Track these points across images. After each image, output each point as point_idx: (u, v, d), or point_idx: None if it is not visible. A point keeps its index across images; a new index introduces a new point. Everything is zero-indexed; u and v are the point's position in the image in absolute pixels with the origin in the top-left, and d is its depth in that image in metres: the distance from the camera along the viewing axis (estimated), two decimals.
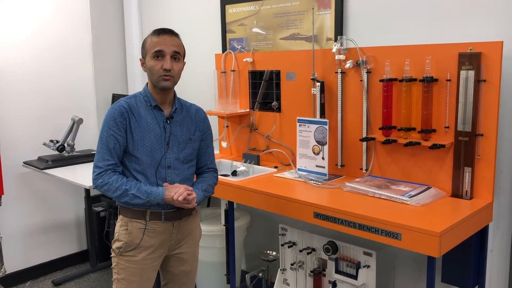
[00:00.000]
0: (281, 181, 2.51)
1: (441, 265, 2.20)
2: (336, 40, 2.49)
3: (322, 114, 2.56)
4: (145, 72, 1.98)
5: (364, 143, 2.44)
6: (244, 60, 2.97)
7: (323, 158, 2.51)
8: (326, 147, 2.50)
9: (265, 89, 2.90)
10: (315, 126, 2.53)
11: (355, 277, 2.36)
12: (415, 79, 2.19)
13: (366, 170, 2.45)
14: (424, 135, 2.18)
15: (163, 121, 1.97)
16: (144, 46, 1.95)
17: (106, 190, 1.91)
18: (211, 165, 2.14)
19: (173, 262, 2.08)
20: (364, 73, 2.37)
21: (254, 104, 2.97)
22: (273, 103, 2.85)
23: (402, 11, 2.37)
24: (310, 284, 2.59)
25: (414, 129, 2.22)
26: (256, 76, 2.94)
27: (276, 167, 2.79)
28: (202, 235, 2.21)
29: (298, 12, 2.79)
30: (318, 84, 2.53)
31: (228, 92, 3.07)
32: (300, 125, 2.60)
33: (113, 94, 3.81)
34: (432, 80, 2.14)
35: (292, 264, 2.66)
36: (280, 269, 2.74)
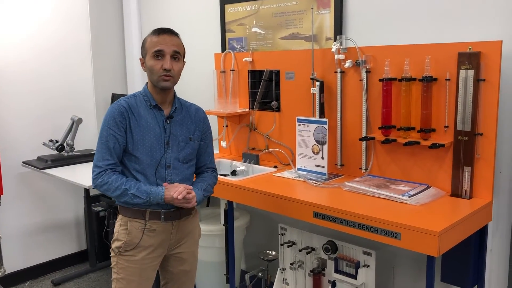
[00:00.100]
0: (281, 181, 2.51)
1: (441, 265, 2.21)
2: (336, 40, 2.49)
3: (322, 114, 2.56)
4: (145, 72, 1.98)
5: (364, 143, 2.44)
6: (244, 60, 2.97)
7: (323, 158, 2.51)
8: (326, 147, 2.50)
9: (265, 89, 2.90)
10: (315, 126, 2.53)
11: (355, 277, 2.36)
12: (415, 79, 2.19)
13: (366, 170, 2.45)
14: (424, 135, 2.18)
15: (163, 121, 1.97)
16: (144, 46, 1.95)
17: (106, 190, 1.91)
18: (211, 165, 2.14)
19: (173, 262, 2.08)
20: (364, 73, 2.37)
21: (254, 104, 2.97)
22: (273, 103, 2.85)
23: (402, 11, 2.37)
24: (310, 284, 2.59)
25: (414, 129, 2.22)
26: (256, 76, 2.94)
27: (276, 167, 2.79)
28: (202, 235, 2.21)
29: (298, 12, 2.79)
30: (318, 84, 2.53)
31: (228, 92, 3.07)
32: (300, 125, 2.60)
33: (113, 94, 3.81)
34: (432, 80, 2.14)
35: (292, 264, 2.66)
36: (280, 269, 2.74)
